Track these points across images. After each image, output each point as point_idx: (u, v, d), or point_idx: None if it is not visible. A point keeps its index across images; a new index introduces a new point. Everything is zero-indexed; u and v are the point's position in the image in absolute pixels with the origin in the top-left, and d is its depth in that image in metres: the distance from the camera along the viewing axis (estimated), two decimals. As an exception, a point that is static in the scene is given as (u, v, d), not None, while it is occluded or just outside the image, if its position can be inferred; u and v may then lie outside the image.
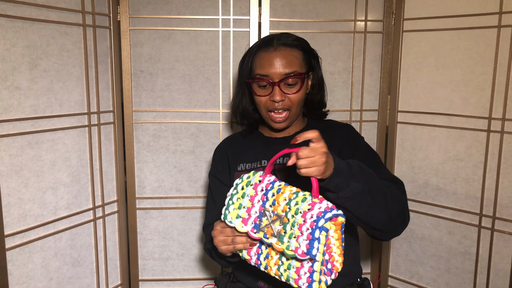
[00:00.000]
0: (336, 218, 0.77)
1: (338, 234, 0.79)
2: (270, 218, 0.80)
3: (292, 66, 1.00)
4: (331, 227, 0.78)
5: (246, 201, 0.84)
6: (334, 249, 0.80)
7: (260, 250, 0.85)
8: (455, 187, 1.59)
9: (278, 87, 1.00)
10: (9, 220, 1.29)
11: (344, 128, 1.12)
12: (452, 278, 1.63)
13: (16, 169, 1.30)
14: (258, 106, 1.05)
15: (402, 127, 1.70)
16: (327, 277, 0.80)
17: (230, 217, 0.84)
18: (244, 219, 0.83)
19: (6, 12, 1.23)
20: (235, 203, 0.84)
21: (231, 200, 0.85)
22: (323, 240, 0.74)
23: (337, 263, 0.81)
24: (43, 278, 1.40)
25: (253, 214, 0.83)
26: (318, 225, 0.74)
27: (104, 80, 1.56)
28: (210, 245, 1.03)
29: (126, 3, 1.57)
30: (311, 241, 0.74)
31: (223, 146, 1.17)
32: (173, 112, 1.65)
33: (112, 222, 1.66)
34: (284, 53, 1.01)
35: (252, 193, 0.84)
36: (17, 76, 1.28)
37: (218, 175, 1.13)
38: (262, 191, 0.83)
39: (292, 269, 0.80)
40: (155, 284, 1.75)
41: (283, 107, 1.02)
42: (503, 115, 1.45)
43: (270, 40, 1.03)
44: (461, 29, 1.51)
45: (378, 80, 1.70)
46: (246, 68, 1.05)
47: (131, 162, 1.66)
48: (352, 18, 1.65)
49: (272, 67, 0.99)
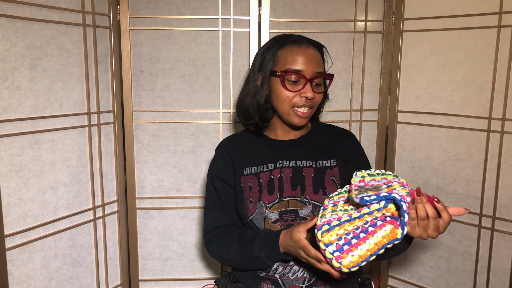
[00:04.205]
0: (397, 224, 0.79)
1: (382, 239, 0.79)
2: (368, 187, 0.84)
3: (321, 66, 1.03)
4: (391, 227, 0.79)
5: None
6: (371, 240, 0.79)
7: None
8: (455, 187, 1.59)
9: (310, 85, 0.99)
10: (9, 220, 1.29)
11: (352, 138, 1.14)
12: (452, 278, 1.63)
13: (16, 169, 1.30)
14: (281, 101, 1.02)
15: (402, 127, 1.70)
16: (330, 251, 0.79)
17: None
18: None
19: (6, 12, 1.23)
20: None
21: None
22: (376, 213, 0.78)
23: (353, 256, 0.78)
24: (43, 278, 1.40)
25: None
26: (398, 198, 0.75)
27: (104, 80, 1.56)
28: (241, 254, 1.01)
29: (126, 3, 1.57)
30: (377, 196, 0.77)
31: (226, 147, 1.13)
32: (173, 112, 1.65)
33: (112, 222, 1.65)
34: (315, 53, 1.02)
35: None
36: (17, 76, 1.28)
37: (224, 176, 1.09)
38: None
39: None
40: (155, 284, 1.75)
41: (310, 104, 1.01)
42: (503, 115, 1.45)
43: (299, 38, 1.03)
44: (461, 29, 1.51)
45: (378, 80, 1.70)
46: (270, 61, 1.02)
47: (131, 162, 1.66)
48: (352, 18, 1.65)
49: (306, 63, 0.99)
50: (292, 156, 1.08)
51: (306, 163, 1.07)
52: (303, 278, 1.02)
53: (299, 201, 1.04)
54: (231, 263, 1.05)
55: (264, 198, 1.05)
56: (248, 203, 1.05)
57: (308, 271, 1.02)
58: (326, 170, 1.06)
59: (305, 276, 1.02)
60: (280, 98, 1.02)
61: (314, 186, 1.04)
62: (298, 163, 1.07)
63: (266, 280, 1.04)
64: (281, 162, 1.07)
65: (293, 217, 1.03)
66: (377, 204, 0.77)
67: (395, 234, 0.78)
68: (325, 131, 1.14)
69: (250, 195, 1.05)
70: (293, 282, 1.02)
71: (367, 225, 0.79)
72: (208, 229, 1.11)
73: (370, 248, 0.78)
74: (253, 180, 1.06)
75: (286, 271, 1.02)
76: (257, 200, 1.05)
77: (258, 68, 1.06)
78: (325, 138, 1.12)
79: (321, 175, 1.06)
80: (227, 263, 1.06)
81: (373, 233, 0.78)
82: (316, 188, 1.04)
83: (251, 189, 1.06)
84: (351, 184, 0.89)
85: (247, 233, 1.03)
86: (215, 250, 1.08)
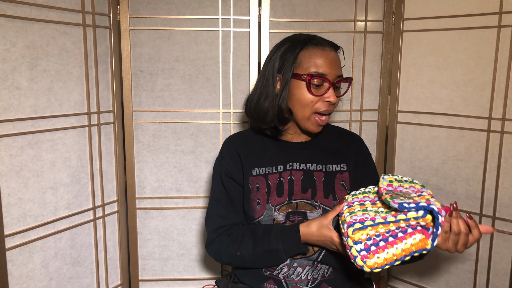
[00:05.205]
0: (428, 234, 0.79)
1: (411, 247, 0.79)
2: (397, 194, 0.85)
3: (341, 69, 1.00)
4: (421, 236, 0.79)
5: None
6: (400, 246, 0.79)
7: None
8: (455, 187, 1.59)
9: (333, 89, 0.97)
10: (9, 220, 1.29)
11: (361, 142, 1.14)
12: (452, 278, 1.63)
13: (16, 169, 1.30)
14: (303, 106, 0.99)
15: (402, 127, 1.70)
16: (357, 249, 0.80)
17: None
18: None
19: (6, 12, 1.23)
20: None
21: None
22: (412, 221, 0.78)
23: (379, 258, 0.79)
24: (43, 278, 1.40)
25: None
26: (434, 209, 0.77)
27: (104, 80, 1.56)
28: (258, 248, 0.99)
29: (126, 3, 1.57)
30: (416, 205, 0.78)
31: (234, 145, 1.10)
32: (173, 112, 1.65)
33: (112, 222, 1.66)
34: (336, 55, 1.00)
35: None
36: (17, 76, 1.28)
37: (233, 175, 1.07)
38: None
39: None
40: (155, 284, 1.75)
41: (331, 110, 0.99)
42: (503, 115, 1.45)
43: (320, 40, 1.00)
44: (461, 29, 1.51)
45: (378, 80, 1.70)
46: (293, 64, 0.98)
47: (131, 162, 1.66)
48: (352, 18, 1.65)
49: (329, 67, 0.96)
50: (302, 159, 1.06)
51: (317, 166, 1.06)
52: (306, 280, 1.01)
53: (309, 203, 1.03)
54: (241, 260, 1.02)
55: (273, 200, 1.03)
56: (255, 204, 1.04)
57: (311, 273, 1.02)
58: (336, 175, 1.05)
59: (309, 278, 1.01)
60: (303, 102, 0.98)
61: (325, 190, 1.03)
62: (308, 167, 1.06)
63: (270, 279, 1.03)
64: (291, 165, 1.06)
65: (300, 218, 1.02)
66: (415, 213, 0.78)
67: (425, 244, 0.79)
68: (334, 134, 1.14)
69: (257, 197, 1.04)
70: (297, 283, 1.01)
71: (398, 230, 0.80)
72: (214, 228, 1.07)
73: (397, 253, 0.79)
74: (261, 181, 1.05)
75: (290, 272, 1.01)
76: (265, 202, 1.03)
77: (277, 69, 1.01)
78: (334, 141, 1.11)
79: (331, 180, 1.05)
80: (236, 260, 1.03)
81: (402, 239, 0.79)
82: (326, 193, 1.03)
83: (259, 191, 1.04)
84: (379, 187, 0.89)
85: (260, 228, 1.01)
86: (222, 249, 1.04)
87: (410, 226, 0.80)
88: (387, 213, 0.83)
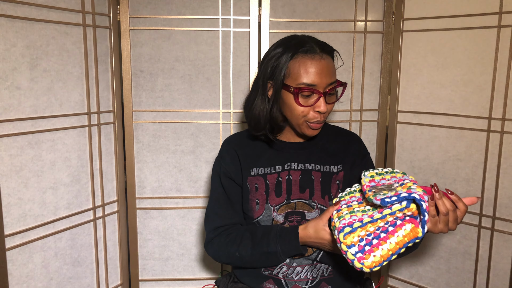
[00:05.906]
0: (417, 222, 0.79)
1: (403, 238, 0.79)
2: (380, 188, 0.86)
3: (334, 75, 0.98)
4: (411, 226, 0.79)
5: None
6: (392, 240, 0.79)
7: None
8: (455, 187, 1.59)
9: (324, 98, 0.96)
10: (9, 220, 1.29)
11: (359, 141, 1.14)
12: (452, 278, 1.63)
13: (16, 169, 1.30)
14: (294, 115, 0.98)
15: (402, 127, 1.70)
16: (353, 252, 0.80)
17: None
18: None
19: (6, 12, 1.23)
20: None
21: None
22: (397, 210, 0.79)
23: (375, 257, 0.79)
24: (43, 278, 1.41)
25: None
26: (417, 198, 0.77)
27: (104, 80, 1.56)
28: (254, 250, 0.99)
29: (126, 3, 1.57)
30: (398, 197, 0.78)
31: (233, 145, 1.11)
32: (173, 112, 1.65)
33: (112, 222, 1.66)
34: (329, 62, 0.97)
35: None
36: (17, 76, 1.28)
37: (232, 175, 1.07)
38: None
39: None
40: (155, 284, 1.75)
41: (323, 118, 0.98)
42: (503, 115, 1.45)
43: (311, 46, 0.97)
44: (461, 29, 1.51)
45: (378, 80, 1.70)
46: (282, 73, 0.97)
47: (131, 162, 1.66)
48: (352, 18, 1.65)
49: (319, 77, 0.94)
50: (300, 158, 1.07)
51: (315, 166, 1.06)
52: (306, 279, 1.02)
53: (306, 203, 1.04)
54: (239, 261, 1.02)
55: (271, 200, 1.04)
56: (254, 204, 1.05)
57: (311, 272, 1.02)
58: (332, 176, 1.06)
59: (308, 277, 1.02)
60: (294, 112, 0.98)
61: (322, 190, 1.04)
62: (306, 166, 1.06)
63: (269, 279, 1.03)
64: (289, 165, 1.06)
65: (299, 219, 1.03)
66: (399, 205, 0.78)
67: (416, 233, 0.79)
68: (332, 134, 1.14)
69: (256, 197, 1.05)
70: (296, 283, 1.01)
71: (387, 225, 0.80)
72: (213, 228, 1.08)
73: (392, 247, 0.79)
74: (260, 181, 1.05)
75: (290, 271, 1.02)
76: (264, 202, 1.04)
77: (269, 75, 1.00)
78: (332, 141, 1.11)
79: (328, 180, 1.06)
80: (234, 260, 1.03)
81: (394, 233, 0.79)
82: (323, 193, 1.04)
83: (257, 191, 1.05)
84: (362, 185, 0.89)
85: (259, 229, 1.02)
86: (220, 249, 1.04)
87: (398, 218, 0.80)
88: (373, 210, 0.84)
